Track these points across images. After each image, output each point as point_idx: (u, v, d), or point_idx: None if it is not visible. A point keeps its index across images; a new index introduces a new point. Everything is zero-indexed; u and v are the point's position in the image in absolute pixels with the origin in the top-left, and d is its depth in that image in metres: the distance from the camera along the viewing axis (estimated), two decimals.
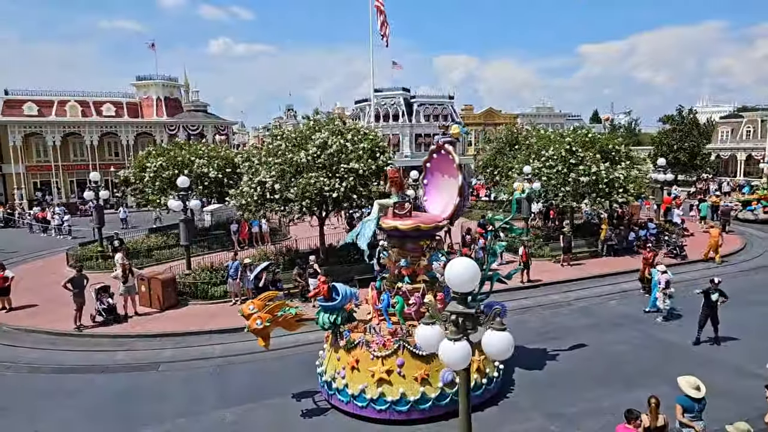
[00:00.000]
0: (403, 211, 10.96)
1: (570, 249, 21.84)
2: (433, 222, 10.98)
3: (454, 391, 9.94)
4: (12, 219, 37.38)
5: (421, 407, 9.92)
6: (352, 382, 10.16)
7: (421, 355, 9.87)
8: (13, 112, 44.50)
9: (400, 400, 9.85)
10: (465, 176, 11.20)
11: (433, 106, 58.39)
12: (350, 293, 10.59)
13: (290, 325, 10.67)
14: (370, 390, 9.95)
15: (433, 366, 10.03)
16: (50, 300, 17.82)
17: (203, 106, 53.29)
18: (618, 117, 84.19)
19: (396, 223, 10.69)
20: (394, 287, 10.92)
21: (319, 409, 10.64)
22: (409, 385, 9.95)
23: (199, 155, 26.03)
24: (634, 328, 14.76)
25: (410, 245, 11.02)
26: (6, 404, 11.13)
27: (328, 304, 10.32)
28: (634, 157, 25.18)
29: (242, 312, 10.16)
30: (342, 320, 10.51)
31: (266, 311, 10.06)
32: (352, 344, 10.36)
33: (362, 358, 10.19)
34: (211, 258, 21.32)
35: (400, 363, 10.02)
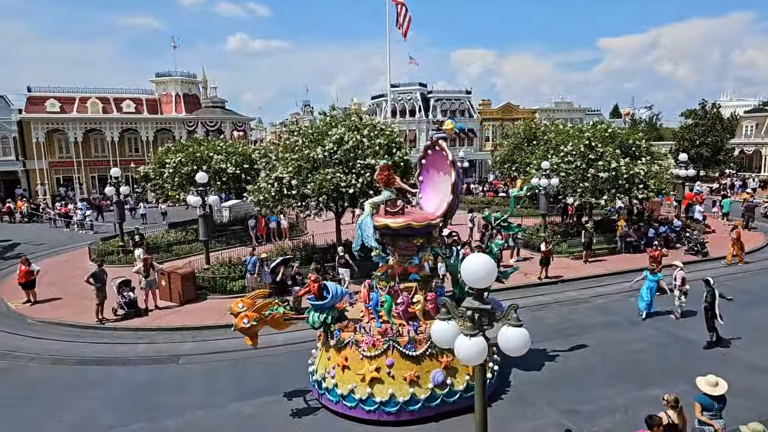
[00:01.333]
0: (396, 209, 10.74)
1: (591, 245, 21.64)
2: (425, 220, 10.71)
3: (444, 393, 9.87)
4: (36, 214, 38.23)
5: (411, 408, 9.77)
6: (342, 382, 10.02)
7: (411, 355, 9.84)
8: (36, 109, 45.42)
9: (389, 400, 9.71)
10: (459, 173, 10.98)
11: (450, 101, 58.07)
12: (341, 292, 10.49)
13: (278, 324, 10.47)
14: (359, 390, 9.82)
15: (423, 367, 9.93)
16: (73, 293, 18.25)
17: (221, 102, 53.77)
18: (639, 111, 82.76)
19: (387, 221, 10.52)
20: (385, 286, 10.78)
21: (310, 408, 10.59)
22: (399, 386, 9.80)
23: (217, 151, 26.33)
24: (652, 326, 14.60)
25: (403, 243, 10.84)
26: (31, 394, 11.45)
27: (319, 302, 10.18)
28: (655, 153, 24.85)
29: (231, 310, 10.03)
30: (332, 319, 10.38)
31: (253, 310, 9.93)
32: (341, 344, 10.22)
33: (352, 357, 10.04)
34: (229, 253, 21.58)
35: (389, 363, 9.86)
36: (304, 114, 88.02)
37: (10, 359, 13.40)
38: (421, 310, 10.53)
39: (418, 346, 9.94)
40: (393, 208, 10.78)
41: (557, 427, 9.59)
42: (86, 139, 47.33)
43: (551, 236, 23.20)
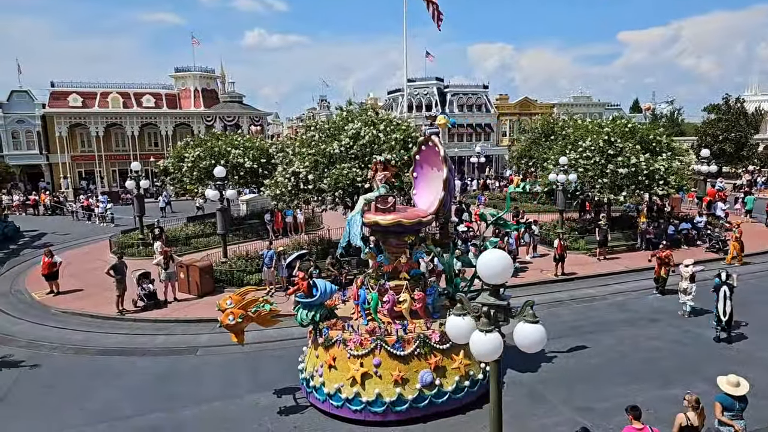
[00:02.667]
0: (386, 206, 10.52)
1: (606, 242, 21.39)
2: (416, 217, 10.50)
3: (433, 394, 9.72)
4: (59, 207, 39.01)
5: (398, 409, 9.59)
6: (329, 380, 9.89)
7: (398, 355, 9.68)
8: (59, 104, 46.28)
9: (375, 400, 9.55)
10: (451, 169, 10.74)
11: (467, 95, 57.73)
12: (331, 289, 10.34)
13: (265, 321, 10.29)
14: (345, 389, 9.68)
15: (411, 367, 9.76)
16: (95, 285, 18.61)
17: (239, 97, 54.18)
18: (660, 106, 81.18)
19: (377, 218, 10.34)
20: (375, 283, 10.64)
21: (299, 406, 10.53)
22: (386, 386, 9.63)
23: (235, 146, 26.54)
24: (671, 324, 14.40)
25: (394, 241, 10.66)
26: (54, 383, 11.73)
27: (307, 300, 10.08)
28: (676, 148, 24.39)
29: (219, 306, 9.92)
30: (321, 317, 10.27)
31: (239, 307, 9.79)
32: (329, 342, 10.07)
33: (339, 356, 9.90)
34: (246, 247, 21.79)
35: (376, 363, 9.68)
36: (320, 109, 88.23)
37: (34, 348, 13.74)
38: (408, 310, 10.35)
39: (407, 346, 9.77)
40: (384, 204, 10.57)
41: (572, 425, 9.50)
42: (107, 133, 48.11)
43: (568, 232, 22.98)
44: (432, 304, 10.84)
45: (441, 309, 10.99)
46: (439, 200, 10.61)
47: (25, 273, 21.32)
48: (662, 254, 16.74)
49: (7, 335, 14.67)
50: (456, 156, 53.18)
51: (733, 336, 13.10)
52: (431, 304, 10.81)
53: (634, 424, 7.34)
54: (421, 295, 10.45)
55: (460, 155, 54.84)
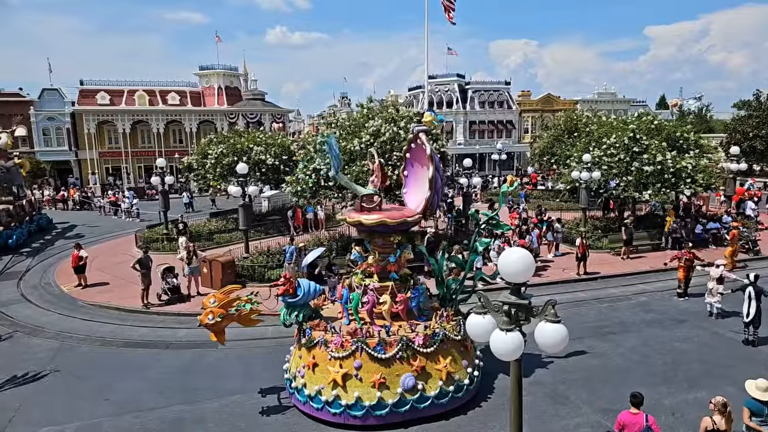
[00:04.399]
0: (371, 205, 10.30)
1: (631, 241, 21.01)
2: (402, 217, 10.21)
3: (414, 398, 9.45)
4: (87, 202, 39.94)
5: (377, 413, 9.34)
6: (310, 382, 9.71)
7: (380, 358, 9.46)
8: (87, 102, 47.32)
9: (355, 404, 9.32)
10: (438, 167, 10.44)
11: (489, 92, 57.23)
12: (315, 289, 10.22)
13: (247, 321, 10.16)
14: (325, 392, 9.49)
15: (392, 370, 9.50)
16: (120, 278, 19.02)
17: (261, 94, 54.64)
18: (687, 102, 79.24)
19: (361, 218, 10.13)
20: (361, 284, 10.47)
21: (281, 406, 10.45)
22: (366, 389, 9.38)
23: (257, 143, 26.79)
24: (698, 326, 14.08)
25: (380, 241, 10.44)
26: (81, 374, 12.03)
27: (289, 299, 9.96)
28: (705, 146, 23.79)
29: (203, 304, 9.83)
30: (305, 317, 10.16)
31: (219, 306, 9.68)
32: (311, 343, 9.90)
33: (320, 358, 9.72)
34: (267, 242, 22.00)
35: (357, 365, 9.44)
36: (341, 106, 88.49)
37: (62, 339, 14.11)
38: (388, 311, 10.15)
39: (388, 349, 9.52)
40: (369, 203, 10.34)
41: (595, 426, 9.41)
42: (134, 130, 49.01)
43: (591, 231, 22.63)
44: (417, 306, 10.56)
45: (430, 311, 10.75)
46: (425, 199, 10.29)
47: (54, 266, 21.89)
48: (687, 255, 16.25)
49: (37, 326, 15.08)
50: (477, 153, 52.82)
51: (763, 339, 12.75)
52: (415, 307, 10.53)
53: (632, 410, 7.52)
54: (403, 298, 10.18)
55: (481, 152, 54.45)
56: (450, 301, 11.10)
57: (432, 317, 10.44)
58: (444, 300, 11.13)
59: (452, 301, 11.11)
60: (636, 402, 7.55)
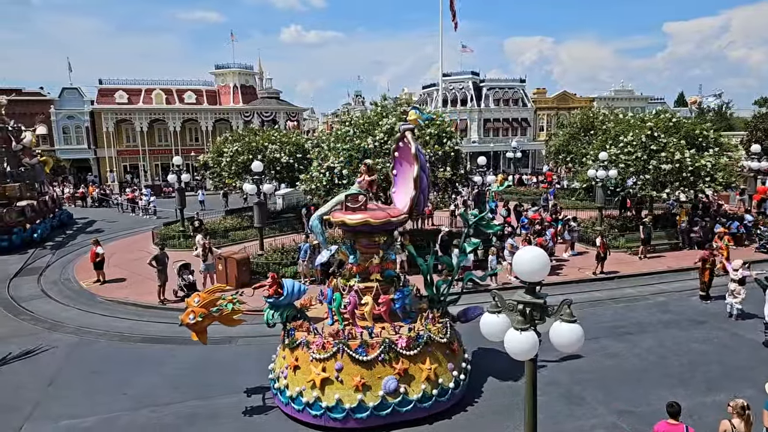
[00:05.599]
0: (356, 204, 10.17)
1: (649, 240, 20.73)
2: (386, 217, 10.07)
3: (396, 402, 9.29)
4: (105, 199, 40.58)
5: (358, 416, 9.20)
6: (292, 383, 9.63)
7: (361, 360, 9.31)
8: (106, 101, 48.06)
9: (335, 406, 9.18)
10: (424, 166, 10.24)
11: (503, 90, 56.88)
12: (299, 289, 10.10)
13: (229, 321, 10.08)
14: (306, 393, 9.39)
15: (374, 372, 9.35)
16: (137, 274, 19.29)
17: (276, 93, 54.96)
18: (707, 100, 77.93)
19: (344, 218, 10.03)
20: (346, 284, 10.39)
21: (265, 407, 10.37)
22: (347, 392, 9.23)
23: (271, 141, 26.94)
24: (718, 327, 13.84)
25: (364, 241, 10.32)
26: (99, 368, 12.23)
27: (273, 299, 9.90)
28: (724, 144, 23.37)
29: (187, 304, 9.77)
30: (288, 317, 10.07)
31: (200, 306, 9.58)
32: (294, 344, 9.81)
33: (302, 359, 9.62)
34: (282, 240, 22.13)
35: (338, 367, 9.31)
36: (355, 104, 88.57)
37: (81, 334, 14.36)
38: (369, 313, 10.02)
39: (370, 351, 9.38)
40: (354, 203, 10.21)
41: (611, 428, 9.31)
42: (151, 128, 49.67)
43: (608, 230, 22.38)
44: (400, 308, 10.33)
45: (418, 312, 10.53)
46: (410, 199, 10.13)
47: (73, 262, 22.28)
48: (705, 254, 15.93)
49: (57, 321, 15.36)
50: (491, 151, 52.53)
51: None
52: (399, 309, 10.31)
53: (669, 420, 7.16)
54: (385, 299, 10.05)
55: (496, 150, 54.13)
56: (439, 303, 10.88)
57: (416, 319, 10.27)
58: (432, 301, 10.94)
59: (441, 303, 10.89)
60: (673, 411, 7.17)
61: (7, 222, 24.53)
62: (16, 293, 18.08)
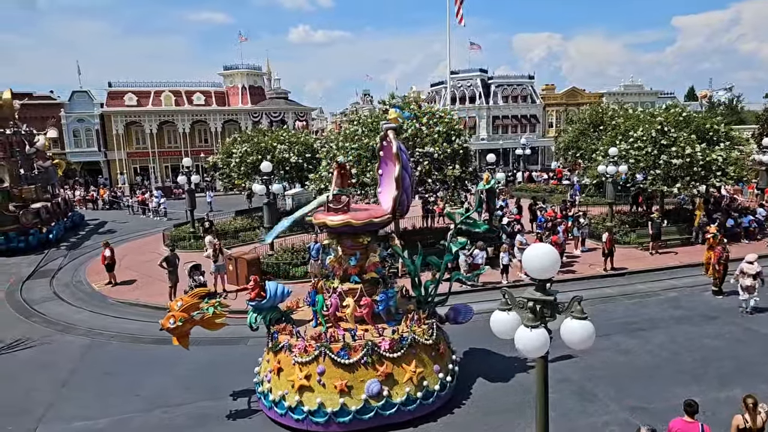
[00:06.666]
0: (339, 206, 10.09)
1: (659, 236, 20.55)
2: (368, 218, 9.94)
3: (380, 405, 9.15)
4: (116, 201, 40.93)
5: (341, 420, 9.08)
6: (275, 387, 9.56)
7: (343, 363, 9.21)
8: (115, 103, 48.42)
9: (317, 410, 9.08)
10: (406, 165, 10.06)
11: (512, 86, 56.57)
12: (282, 292, 9.99)
13: (210, 325, 10.01)
14: (289, 397, 9.30)
15: (357, 376, 9.22)
16: (148, 276, 19.44)
17: (284, 93, 55.06)
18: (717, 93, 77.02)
19: (326, 219, 9.97)
20: (330, 286, 10.31)
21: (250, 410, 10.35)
22: (329, 395, 9.13)
23: (280, 141, 27.01)
24: (730, 322, 13.70)
25: (348, 242, 10.19)
26: (112, 370, 12.35)
27: (255, 302, 9.84)
28: (736, 137, 23.09)
29: (170, 308, 9.73)
30: (272, 320, 9.99)
31: (181, 310, 9.47)
32: (277, 347, 9.73)
33: (285, 362, 9.55)
34: (292, 240, 22.16)
35: (320, 371, 9.21)
36: (363, 103, 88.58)
37: (93, 336, 14.50)
38: (351, 315, 9.93)
39: (353, 354, 9.27)
40: (336, 204, 10.13)
41: (624, 425, 9.23)
42: (160, 130, 49.95)
43: (618, 226, 22.21)
44: (384, 309, 10.18)
45: (404, 313, 10.39)
46: (393, 199, 9.96)
47: (85, 264, 22.49)
48: (719, 252, 15.69)
49: (69, 323, 15.53)
50: (500, 148, 52.30)
51: None
52: (382, 310, 10.17)
53: (686, 417, 7.12)
54: (367, 301, 9.95)
55: (505, 147, 53.89)
56: (426, 304, 10.77)
57: (400, 321, 10.16)
58: (420, 302, 10.82)
59: (428, 304, 10.78)
60: (691, 410, 7.14)
61: (23, 224, 25.11)
62: (28, 296, 18.30)
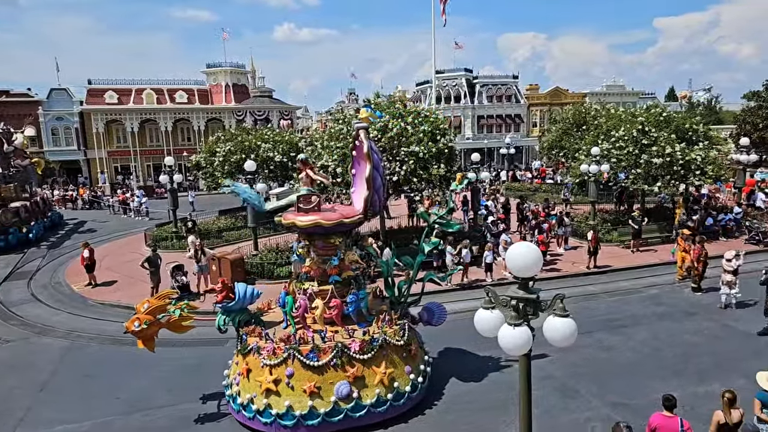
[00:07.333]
0: (309, 206, 9.98)
1: (640, 234, 20.85)
2: (339, 218, 9.87)
3: (349, 407, 9.10)
4: (96, 201, 40.27)
5: (309, 423, 9.00)
6: (244, 390, 9.46)
7: (312, 365, 9.13)
8: (95, 101, 47.60)
9: (286, 413, 9.00)
10: (377, 165, 10.01)
11: (497, 86, 56.95)
12: (251, 294, 9.88)
13: (177, 327, 9.85)
14: (257, 400, 9.20)
15: (326, 378, 9.16)
16: (130, 277, 19.15)
17: (268, 91, 54.68)
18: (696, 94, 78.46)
19: (295, 219, 9.85)
20: (300, 288, 10.24)
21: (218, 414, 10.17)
22: (298, 398, 9.06)
23: (264, 140, 26.79)
24: (709, 318, 13.95)
25: (320, 243, 10.12)
26: (92, 372, 12.15)
27: (223, 304, 9.73)
28: (714, 137, 23.52)
29: (137, 310, 9.59)
30: (241, 322, 9.89)
31: (146, 312, 9.32)
32: (245, 349, 9.64)
33: (253, 365, 9.45)
34: (276, 239, 22.02)
35: (289, 373, 9.12)
36: (349, 102, 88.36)
37: (73, 338, 14.24)
38: (320, 317, 9.88)
39: (322, 356, 9.19)
40: (306, 204, 10.02)
41: (605, 420, 9.33)
42: (142, 128, 49.24)
43: (601, 224, 22.47)
44: (354, 311, 10.10)
45: (378, 314, 10.31)
46: (363, 199, 9.89)
47: (64, 265, 22.09)
48: (698, 250, 15.99)
49: (48, 326, 15.23)
50: (485, 147, 52.60)
51: None
52: (353, 312, 10.08)
53: (665, 412, 7.25)
54: (337, 303, 9.90)
55: (490, 146, 54.23)
56: (399, 304, 10.74)
57: (371, 322, 10.12)
58: (393, 303, 10.78)
59: (401, 304, 10.75)
60: (669, 405, 7.27)
61: (3, 223, 24.73)
62: (5, 297, 17.91)
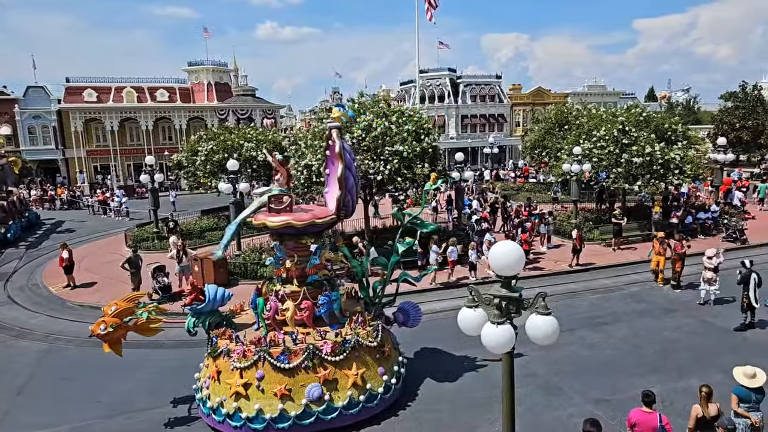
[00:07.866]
0: (280, 206, 9.85)
1: (620, 232, 21.15)
2: (311, 218, 9.78)
3: (321, 410, 9.02)
4: (75, 201, 39.55)
5: (280, 426, 8.89)
6: (213, 393, 9.35)
7: (283, 368, 9.05)
8: (74, 99, 46.71)
9: (255, 417, 8.88)
10: (350, 165, 9.92)
11: (480, 86, 57.29)
12: (221, 296, 9.83)
13: (145, 330, 9.69)
14: (227, 404, 9.10)
15: (297, 380, 9.07)
16: (110, 278, 18.85)
17: (251, 90, 54.25)
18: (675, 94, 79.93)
19: (266, 220, 9.77)
20: (271, 290, 10.15)
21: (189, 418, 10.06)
22: (268, 401, 8.95)
23: (247, 139, 26.59)
24: (688, 315, 14.21)
25: (291, 243, 10.00)
26: (71, 375, 11.93)
27: (193, 306, 9.64)
28: (692, 137, 23.99)
29: (104, 312, 9.39)
30: (211, 325, 9.80)
31: (113, 315, 9.16)
32: (215, 352, 9.53)
33: (223, 368, 9.34)
34: (260, 239, 21.86)
35: (259, 376, 9.01)
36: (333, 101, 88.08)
37: (51, 341, 13.97)
38: (291, 318, 9.79)
39: (293, 358, 9.09)
40: (278, 204, 9.90)
41: (587, 417, 9.43)
42: (122, 127, 48.45)
43: (583, 223, 22.74)
44: (326, 312, 9.98)
45: (351, 315, 10.24)
46: (336, 199, 9.84)
47: (42, 266, 21.66)
48: (677, 248, 16.27)
49: (25, 329, 14.92)
50: (469, 147, 52.87)
51: (750, 326, 12.92)
52: (325, 313, 9.97)
53: (644, 408, 7.36)
54: (308, 304, 9.85)
55: (473, 146, 54.51)
56: (374, 305, 10.72)
57: (343, 323, 10.07)
58: (368, 304, 10.76)
59: (376, 305, 10.74)
60: (648, 401, 7.36)
61: None
62: None
